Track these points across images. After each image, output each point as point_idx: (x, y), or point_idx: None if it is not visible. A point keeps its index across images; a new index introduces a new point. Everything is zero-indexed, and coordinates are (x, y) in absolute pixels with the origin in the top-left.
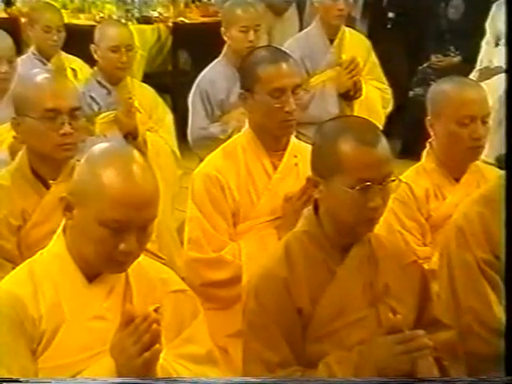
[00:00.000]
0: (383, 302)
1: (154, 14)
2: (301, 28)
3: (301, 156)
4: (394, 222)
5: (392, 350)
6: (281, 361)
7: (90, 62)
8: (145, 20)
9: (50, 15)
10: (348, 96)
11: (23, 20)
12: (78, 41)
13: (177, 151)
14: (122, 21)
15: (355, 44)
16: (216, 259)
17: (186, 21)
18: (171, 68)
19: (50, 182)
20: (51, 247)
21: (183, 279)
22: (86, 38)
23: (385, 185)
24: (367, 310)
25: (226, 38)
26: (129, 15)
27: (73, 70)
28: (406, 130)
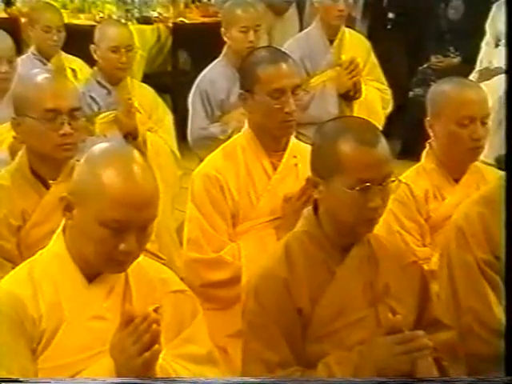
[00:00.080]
0: (383, 303)
1: (154, 14)
2: (301, 28)
3: (300, 156)
4: (394, 223)
5: (392, 350)
6: (281, 361)
7: (90, 62)
8: (145, 20)
9: (50, 15)
10: (348, 96)
11: (23, 20)
12: (78, 41)
13: (176, 151)
14: (122, 21)
15: (355, 44)
16: (215, 260)
17: (186, 21)
18: (171, 68)
19: (50, 182)
20: (51, 247)
21: (183, 279)
22: (86, 38)
23: (384, 185)
24: (367, 310)
25: (225, 39)
26: (129, 15)
27: (73, 70)
28: (406, 131)
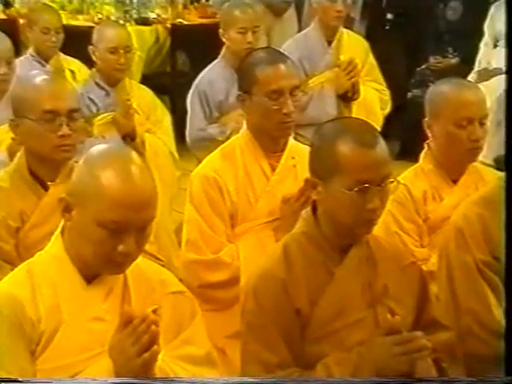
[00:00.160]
0: (382, 303)
1: (153, 16)
2: (299, 29)
3: (299, 157)
4: (392, 224)
5: (390, 351)
6: (279, 362)
7: (89, 63)
8: (143, 21)
9: (49, 16)
10: (346, 97)
11: (22, 21)
12: (77, 42)
13: (175, 152)
14: (121, 22)
15: (353, 45)
16: (214, 261)
17: (185, 22)
18: (169, 69)
19: (49, 183)
20: (50, 248)
21: (181, 281)
22: (85, 40)
23: (383, 186)
24: (366, 311)
25: (224, 40)
26: (127, 16)
27: (71, 72)
28: (404, 132)
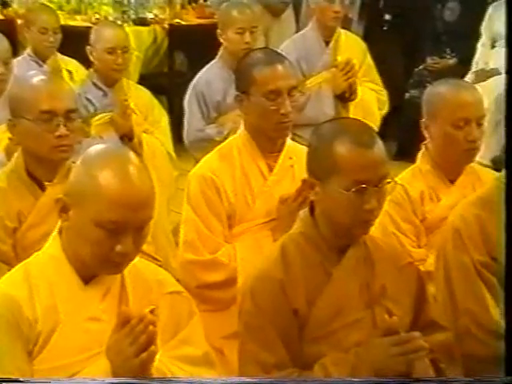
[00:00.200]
0: (379, 304)
1: (150, 16)
2: (297, 29)
3: (296, 158)
4: (389, 224)
5: (388, 351)
6: (277, 362)
7: (86, 63)
8: (141, 21)
9: (47, 17)
10: (344, 98)
11: (19, 21)
12: (74, 42)
13: (172, 153)
14: (118, 22)
15: (351, 46)
16: (211, 261)
17: (182, 22)
18: (167, 69)
19: (46, 183)
20: (47, 249)
21: (178, 281)
22: (82, 40)
23: (380, 187)
24: (363, 311)
25: (222, 40)
26: (125, 17)
27: (69, 72)
28: (402, 132)
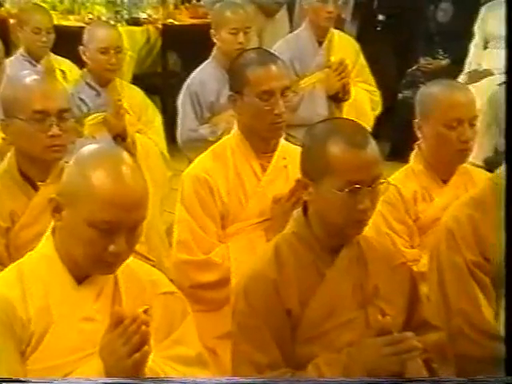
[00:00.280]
0: (373, 304)
1: (144, 16)
2: (291, 30)
3: (290, 158)
4: (382, 225)
5: (381, 351)
6: (270, 362)
7: (80, 63)
8: (134, 21)
9: (40, 16)
10: (337, 98)
11: (12, 21)
12: (68, 42)
13: (166, 153)
14: (111, 22)
15: (344, 46)
16: (205, 261)
17: (176, 22)
18: (161, 69)
19: (39, 183)
20: (40, 249)
21: (172, 281)
22: (76, 40)
23: (374, 187)
24: (357, 311)
25: (215, 40)
26: (118, 17)
27: (62, 72)
28: (395, 133)
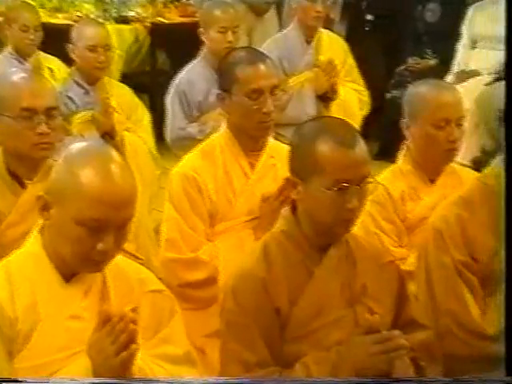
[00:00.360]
0: (361, 303)
1: (132, 14)
2: (280, 29)
3: (278, 156)
4: (371, 224)
5: (369, 349)
6: (259, 361)
7: (68, 61)
8: (123, 20)
9: (28, 14)
10: (325, 98)
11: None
12: (56, 40)
13: (155, 151)
14: (100, 20)
15: (333, 46)
16: (193, 259)
17: (165, 21)
18: (149, 68)
19: (27, 181)
20: (27, 247)
21: (160, 279)
22: (64, 38)
23: (362, 186)
24: (345, 310)
25: (204, 39)
26: (107, 15)
27: (50, 70)
28: (383, 132)
